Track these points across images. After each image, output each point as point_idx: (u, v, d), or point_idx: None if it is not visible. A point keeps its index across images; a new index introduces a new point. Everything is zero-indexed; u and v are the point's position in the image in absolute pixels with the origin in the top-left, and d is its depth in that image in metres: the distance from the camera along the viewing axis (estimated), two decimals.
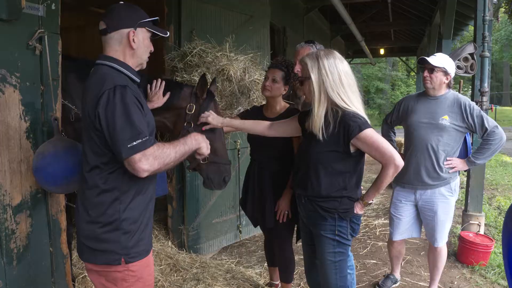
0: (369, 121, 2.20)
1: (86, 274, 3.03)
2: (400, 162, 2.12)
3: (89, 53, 4.84)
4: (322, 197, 2.27)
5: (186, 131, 2.58)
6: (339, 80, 2.16)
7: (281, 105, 2.96)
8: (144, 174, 1.65)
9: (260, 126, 2.59)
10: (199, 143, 1.91)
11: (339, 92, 2.16)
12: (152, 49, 1.93)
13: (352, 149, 2.19)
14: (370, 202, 2.30)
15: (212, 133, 2.59)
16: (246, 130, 2.66)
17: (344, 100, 2.17)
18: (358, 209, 2.29)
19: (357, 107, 2.19)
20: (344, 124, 2.15)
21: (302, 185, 2.36)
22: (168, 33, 2.01)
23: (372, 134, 2.14)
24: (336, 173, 2.23)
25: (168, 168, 1.78)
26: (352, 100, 2.18)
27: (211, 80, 2.76)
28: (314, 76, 2.17)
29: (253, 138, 3.04)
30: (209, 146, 2.00)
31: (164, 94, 2.58)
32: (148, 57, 1.95)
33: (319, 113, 2.18)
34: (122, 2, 1.85)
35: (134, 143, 1.61)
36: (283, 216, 2.90)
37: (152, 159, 1.64)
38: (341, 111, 2.17)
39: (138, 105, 1.69)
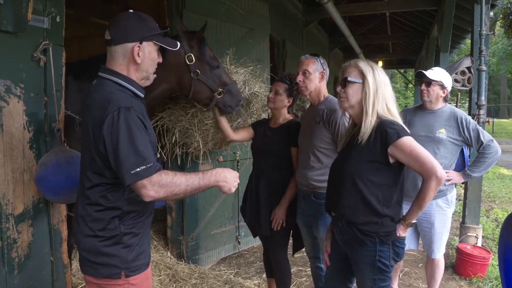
0: (408, 130, 2.07)
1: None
2: (442, 173, 1.93)
3: None
4: (360, 218, 2.07)
5: (197, 80, 2.86)
6: (390, 91, 2.10)
7: (284, 117, 3.06)
8: (149, 199, 1.64)
9: None
10: (217, 181, 1.78)
11: (387, 102, 2.08)
12: (160, 60, 1.87)
13: (391, 160, 2.02)
14: (413, 222, 2.07)
15: (217, 68, 2.95)
16: None
17: (390, 108, 2.08)
18: (401, 232, 2.08)
19: (396, 117, 2.09)
20: (381, 131, 2.01)
21: (337, 206, 2.17)
22: (179, 44, 1.91)
23: (411, 142, 1.97)
24: (374, 186, 2.05)
25: (176, 198, 1.73)
26: (393, 111, 2.09)
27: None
28: (371, 80, 2.06)
29: (256, 146, 3.13)
30: (234, 185, 1.84)
31: None
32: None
33: (370, 115, 2.06)
34: (131, 11, 1.78)
35: (138, 169, 1.58)
36: (277, 225, 2.94)
37: (158, 186, 1.62)
38: (379, 120, 2.06)
39: (142, 127, 1.66)
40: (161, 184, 1.62)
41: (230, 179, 1.82)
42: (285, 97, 2.97)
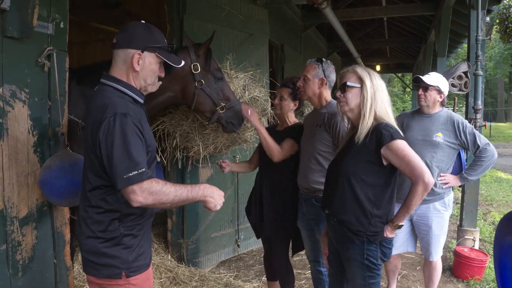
0: (402, 133, 2.14)
1: (87, 287, 3.07)
2: (430, 179, 2.01)
3: None
4: (350, 217, 2.16)
5: (200, 90, 2.87)
6: (386, 95, 2.18)
7: (290, 120, 3.12)
8: (136, 205, 1.67)
9: None
10: (205, 195, 1.81)
11: (386, 105, 2.17)
12: (162, 74, 1.90)
13: (384, 161, 2.10)
14: (401, 224, 2.15)
15: (221, 81, 2.97)
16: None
17: (387, 111, 2.16)
18: (388, 233, 2.15)
19: (392, 121, 2.17)
20: (376, 132, 2.10)
21: (330, 202, 2.25)
22: (183, 62, 1.96)
23: (404, 146, 2.05)
24: (366, 186, 2.13)
25: (163, 207, 1.77)
26: (391, 115, 2.18)
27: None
28: (369, 84, 2.15)
29: (262, 149, 3.16)
30: (219, 203, 1.86)
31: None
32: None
33: (368, 117, 2.14)
34: (142, 22, 1.83)
35: (130, 174, 1.62)
36: (245, 111, 3.03)
37: (147, 193, 1.64)
38: (376, 122, 2.15)
39: (138, 134, 1.70)
40: (151, 192, 1.65)
41: (217, 196, 1.85)
42: (290, 101, 3.03)
